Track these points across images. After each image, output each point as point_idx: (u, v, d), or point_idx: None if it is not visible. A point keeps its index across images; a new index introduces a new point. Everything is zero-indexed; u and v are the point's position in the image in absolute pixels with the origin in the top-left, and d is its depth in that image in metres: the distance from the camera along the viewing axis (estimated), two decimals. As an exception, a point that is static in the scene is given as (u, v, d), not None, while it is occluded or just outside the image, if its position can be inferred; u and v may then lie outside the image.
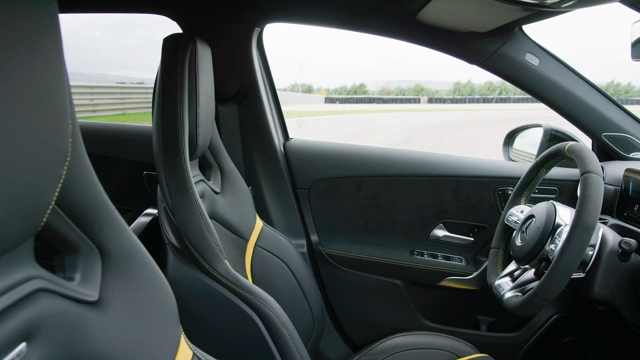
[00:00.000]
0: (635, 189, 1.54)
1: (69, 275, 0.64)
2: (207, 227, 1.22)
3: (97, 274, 0.67)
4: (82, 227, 0.63)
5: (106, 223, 0.67)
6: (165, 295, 0.77)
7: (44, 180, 0.50)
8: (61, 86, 0.50)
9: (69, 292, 0.61)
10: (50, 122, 0.49)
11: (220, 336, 1.26)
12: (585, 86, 1.72)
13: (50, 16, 0.48)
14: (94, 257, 0.67)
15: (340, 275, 2.00)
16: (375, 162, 1.97)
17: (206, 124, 1.31)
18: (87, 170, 0.62)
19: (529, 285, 1.35)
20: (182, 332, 0.81)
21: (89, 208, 0.63)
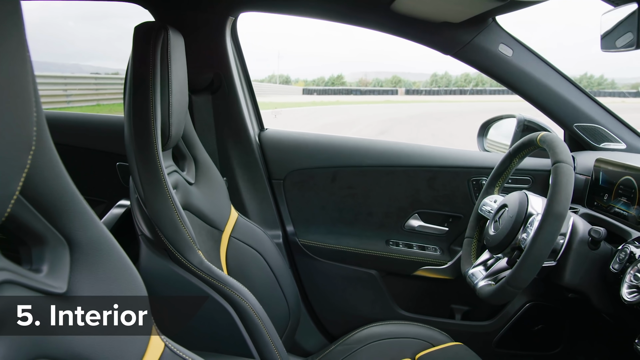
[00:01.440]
0: (605, 179, 1.56)
1: (36, 267, 0.63)
2: (180, 218, 1.21)
3: (65, 266, 0.66)
4: (49, 218, 0.62)
5: (74, 214, 0.66)
6: (136, 285, 0.76)
7: (7, 170, 0.49)
8: (24, 74, 0.49)
9: (36, 284, 0.60)
10: (13, 111, 0.48)
11: (194, 327, 1.25)
12: (558, 77, 1.74)
13: (11, 1, 0.47)
14: (62, 248, 0.65)
15: (316, 265, 2.00)
16: (351, 152, 1.97)
17: (179, 114, 1.30)
18: (53, 160, 0.60)
19: (501, 274, 1.37)
20: (154, 323, 0.80)
21: (57, 198, 0.62)
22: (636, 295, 1.16)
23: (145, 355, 0.76)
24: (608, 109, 1.78)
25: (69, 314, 0.64)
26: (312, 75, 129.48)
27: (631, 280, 1.19)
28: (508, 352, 1.96)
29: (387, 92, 59.01)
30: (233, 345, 1.23)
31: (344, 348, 1.65)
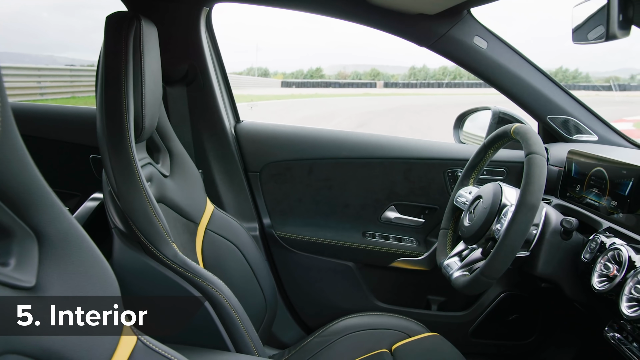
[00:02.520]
0: (577, 170, 1.58)
1: (3, 260, 0.62)
2: (154, 211, 1.20)
3: (33, 259, 0.65)
4: (17, 210, 0.61)
5: (43, 206, 0.65)
6: (107, 279, 0.75)
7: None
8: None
9: (3, 278, 0.59)
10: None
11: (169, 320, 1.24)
12: (532, 70, 1.75)
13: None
14: (30, 241, 0.64)
15: (293, 258, 2.00)
16: (327, 144, 1.97)
17: (153, 105, 1.28)
18: (20, 152, 0.59)
19: (476, 265, 1.38)
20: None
21: (24, 191, 0.61)
22: (606, 284, 1.18)
23: (117, 349, 0.75)
24: (580, 102, 1.80)
25: (38, 308, 0.63)
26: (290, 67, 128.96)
27: (601, 270, 1.21)
28: (483, 341, 1.99)
29: (366, 85, 59.07)
30: (208, 337, 1.22)
31: (320, 340, 1.65)
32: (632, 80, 63.64)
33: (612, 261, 1.20)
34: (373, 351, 1.54)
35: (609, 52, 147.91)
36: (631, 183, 1.30)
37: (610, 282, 1.16)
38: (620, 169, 1.36)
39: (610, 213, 1.37)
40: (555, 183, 1.69)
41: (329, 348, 1.60)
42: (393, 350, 1.55)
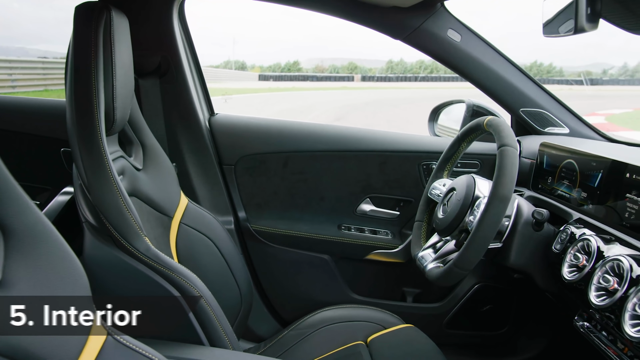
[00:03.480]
0: (549, 162, 1.60)
1: None
2: (126, 204, 1.18)
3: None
4: None
5: (8, 200, 0.63)
6: (76, 273, 0.74)
7: None
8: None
9: None
10: None
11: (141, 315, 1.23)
12: (505, 63, 1.77)
13: None
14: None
15: (269, 251, 1.99)
16: (302, 137, 1.97)
17: (124, 97, 1.26)
18: None
19: (450, 256, 1.39)
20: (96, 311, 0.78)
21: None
22: (575, 274, 1.20)
23: (87, 344, 0.74)
24: (553, 95, 1.83)
25: (5, 303, 0.62)
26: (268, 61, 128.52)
27: (571, 260, 1.23)
28: (457, 332, 2.01)
29: (344, 79, 59.13)
30: (182, 331, 1.21)
31: (296, 333, 1.65)
32: (604, 75, 64.71)
33: (582, 251, 1.22)
34: (348, 343, 1.55)
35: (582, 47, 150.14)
36: (600, 175, 1.33)
37: (580, 272, 1.19)
38: (590, 161, 1.38)
39: (581, 204, 1.40)
40: (527, 175, 1.71)
41: (304, 341, 1.60)
42: (368, 342, 1.56)
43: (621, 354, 1.07)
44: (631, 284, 1.02)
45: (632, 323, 0.97)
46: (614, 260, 1.09)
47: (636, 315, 0.96)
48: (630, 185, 1.20)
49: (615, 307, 1.03)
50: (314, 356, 1.52)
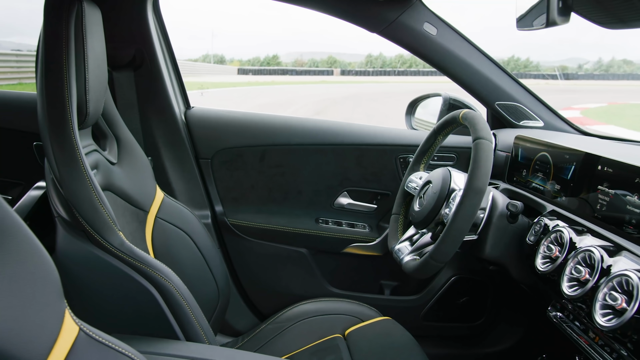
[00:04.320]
0: (523, 155, 1.62)
1: None
2: (99, 198, 1.16)
3: None
4: None
5: None
6: (46, 268, 0.72)
7: None
8: None
9: None
10: None
11: (116, 310, 1.22)
12: (480, 57, 1.78)
13: None
14: None
15: (246, 245, 1.99)
16: (279, 131, 1.96)
17: (97, 90, 1.24)
18: None
19: (426, 249, 1.40)
20: (67, 307, 0.77)
21: None
22: (548, 265, 1.21)
23: (58, 340, 0.72)
24: (527, 89, 1.84)
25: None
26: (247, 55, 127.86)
27: (544, 251, 1.24)
28: (434, 324, 2.03)
29: (323, 73, 59.17)
30: (157, 326, 1.20)
31: (274, 326, 1.65)
32: (580, 70, 65.67)
33: (555, 243, 1.23)
34: (326, 336, 1.55)
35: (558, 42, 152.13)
36: (573, 167, 1.34)
37: (553, 263, 1.20)
38: (564, 154, 1.40)
39: (555, 196, 1.41)
40: (502, 168, 1.73)
41: (282, 334, 1.60)
42: (346, 335, 1.56)
43: (592, 343, 1.09)
44: (602, 274, 1.04)
45: (602, 313, 0.98)
46: (585, 251, 1.11)
47: (606, 305, 0.98)
48: (601, 178, 1.22)
49: (586, 297, 1.05)
50: (292, 350, 1.53)
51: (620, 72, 63.60)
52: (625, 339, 0.93)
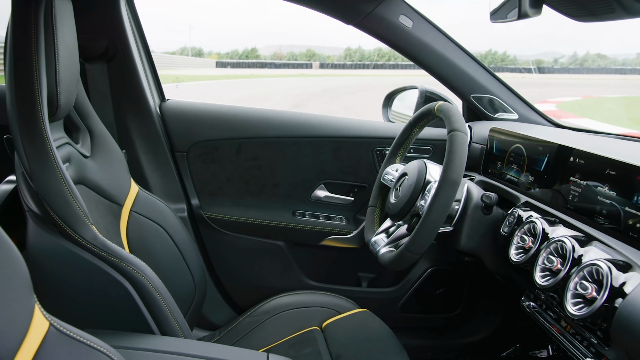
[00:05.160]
0: (498, 147, 1.63)
1: None
2: (71, 192, 1.14)
3: None
4: None
5: None
6: (14, 263, 0.71)
7: None
8: None
9: None
10: None
11: (89, 305, 1.20)
12: (456, 49, 1.79)
13: None
14: None
15: (223, 238, 1.98)
16: (255, 123, 1.95)
17: (68, 82, 1.22)
18: None
19: (402, 241, 1.40)
20: (37, 302, 0.75)
21: None
22: (522, 255, 1.23)
23: (27, 335, 0.72)
24: (502, 81, 1.86)
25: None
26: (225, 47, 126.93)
27: (518, 242, 1.26)
28: (411, 315, 2.04)
29: (302, 66, 59.10)
30: (131, 321, 1.19)
31: (251, 320, 1.65)
32: (555, 64, 66.53)
33: (528, 234, 1.25)
34: (304, 329, 1.55)
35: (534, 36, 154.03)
36: (546, 159, 1.36)
37: (526, 253, 1.22)
38: (537, 146, 1.41)
39: (528, 188, 1.43)
40: (478, 160, 1.74)
41: (260, 328, 1.60)
42: (323, 328, 1.57)
43: (564, 332, 1.11)
44: (573, 264, 1.05)
45: (573, 302, 1.00)
46: (557, 241, 1.13)
47: (577, 294, 0.99)
48: (574, 169, 1.23)
49: (558, 286, 1.07)
50: (269, 342, 1.53)
51: (594, 66, 64.67)
52: (595, 327, 0.95)
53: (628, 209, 1.04)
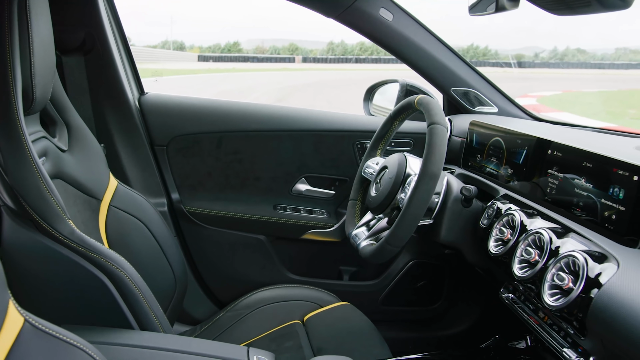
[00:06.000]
0: (477, 140, 1.64)
1: None
2: (47, 186, 1.13)
3: None
4: None
5: None
6: None
7: None
8: None
9: None
10: None
11: (67, 300, 1.19)
12: (436, 43, 1.79)
13: None
14: None
15: (204, 233, 1.97)
16: (236, 117, 1.94)
17: (44, 75, 1.20)
18: None
19: (382, 234, 1.40)
20: (11, 297, 0.74)
21: None
22: (500, 247, 1.24)
23: (1, 331, 0.70)
24: (482, 75, 1.87)
25: None
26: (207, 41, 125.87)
27: (497, 234, 1.27)
28: (393, 308, 2.05)
29: (285, 60, 58.94)
30: (110, 316, 1.18)
31: (233, 314, 1.65)
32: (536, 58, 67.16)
33: (507, 226, 1.26)
34: (285, 323, 1.56)
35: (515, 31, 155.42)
36: (525, 152, 1.37)
37: (505, 245, 1.22)
38: (516, 139, 1.42)
39: (507, 181, 1.44)
40: (458, 153, 1.75)
41: (241, 322, 1.60)
42: (305, 321, 1.57)
43: (542, 322, 1.12)
44: (550, 255, 1.06)
45: (550, 293, 1.01)
46: (535, 233, 1.14)
47: (554, 285, 1.00)
48: (552, 162, 1.24)
49: (536, 278, 1.08)
50: (251, 337, 1.53)
51: (574, 60, 65.33)
52: (571, 318, 0.96)
53: (604, 200, 1.05)
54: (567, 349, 1.01)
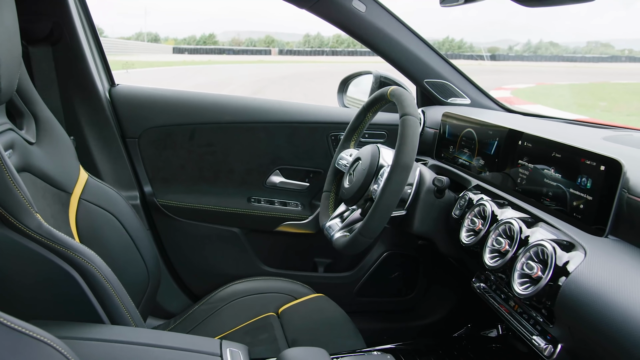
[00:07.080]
0: (450, 132, 1.65)
1: None
2: (13, 179, 1.10)
3: None
4: None
5: None
6: None
7: None
8: None
9: None
10: None
11: (35, 295, 1.16)
12: (409, 34, 1.80)
13: None
14: None
15: (177, 226, 1.95)
16: (209, 108, 1.92)
17: (9, 65, 1.16)
18: None
19: (356, 225, 1.41)
20: None
21: None
22: (472, 237, 1.25)
23: None
24: (455, 67, 1.88)
25: None
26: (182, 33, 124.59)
27: (468, 225, 1.28)
28: (368, 299, 2.06)
29: (261, 52, 58.66)
30: (80, 311, 1.16)
31: (207, 307, 1.64)
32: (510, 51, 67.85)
33: (478, 216, 1.27)
34: (260, 315, 1.55)
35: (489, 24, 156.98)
36: (496, 143, 1.38)
37: (476, 235, 1.24)
38: (488, 130, 1.43)
39: (479, 172, 1.45)
40: (431, 144, 1.76)
41: (215, 315, 1.59)
42: (280, 313, 1.57)
43: (512, 311, 1.13)
44: (520, 244, 1.08)
45: (520, 282, 1.02)
46: (505, 223, 1.15)
47: (524, 274, 1.02)
48: (522, 153, 1.26)
49: (506, 267, 1.09)
50: (225, 329, 1.52)
51: (547, 53, 66.28)
52: (540, 306, 0.98)
53: (572, 190, 1.07)
54: (537, 337, 1.02)
